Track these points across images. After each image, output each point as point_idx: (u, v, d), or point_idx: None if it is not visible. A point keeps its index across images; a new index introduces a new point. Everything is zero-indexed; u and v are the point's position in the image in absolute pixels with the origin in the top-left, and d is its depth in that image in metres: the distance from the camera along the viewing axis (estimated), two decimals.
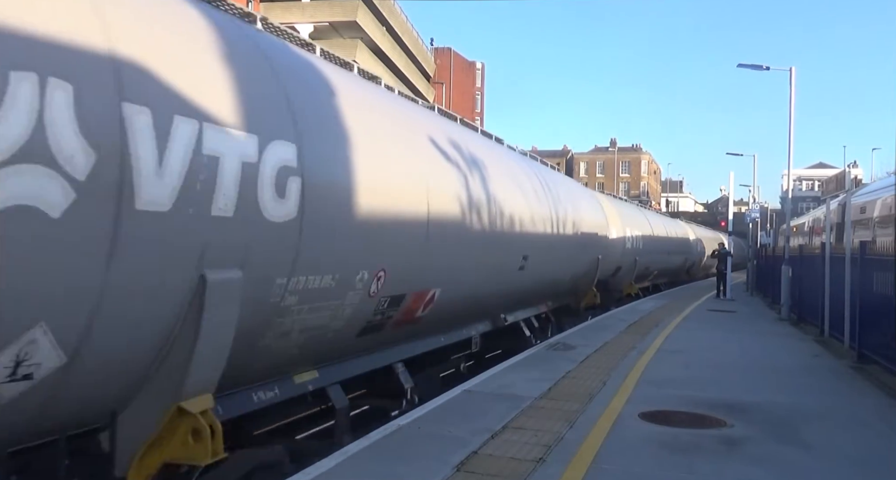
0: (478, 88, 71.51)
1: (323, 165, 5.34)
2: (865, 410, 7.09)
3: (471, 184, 8.37)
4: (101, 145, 3.47)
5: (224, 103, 4.37)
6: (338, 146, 5.59)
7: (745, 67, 21.23)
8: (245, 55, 4.89)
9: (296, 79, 5.48)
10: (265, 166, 4.61)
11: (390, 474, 4.73)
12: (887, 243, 10.06)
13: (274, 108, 4.92)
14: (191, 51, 4.34)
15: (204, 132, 4.10)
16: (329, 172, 5.44)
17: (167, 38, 4.15)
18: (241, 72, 4.66)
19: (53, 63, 3.29)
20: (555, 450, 5.33)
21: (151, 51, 3.91)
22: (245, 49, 4.95)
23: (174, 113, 3.93)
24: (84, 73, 3.45)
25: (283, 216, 4.80)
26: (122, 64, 3.67)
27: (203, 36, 4.49)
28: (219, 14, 5.04)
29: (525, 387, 7.59)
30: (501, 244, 9.57)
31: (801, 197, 69.04)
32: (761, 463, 5.19)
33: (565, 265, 13.80)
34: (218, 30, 4.65)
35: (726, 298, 23.21)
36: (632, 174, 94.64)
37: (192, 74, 4.21)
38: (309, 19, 43.52)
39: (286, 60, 5.58)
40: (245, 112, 4.52)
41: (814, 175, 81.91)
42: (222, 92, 4.40)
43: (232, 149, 4.33)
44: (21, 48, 3.18)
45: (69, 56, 3.39)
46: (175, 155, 3.91)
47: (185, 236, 4.06)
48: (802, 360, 10.44)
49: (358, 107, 6.25)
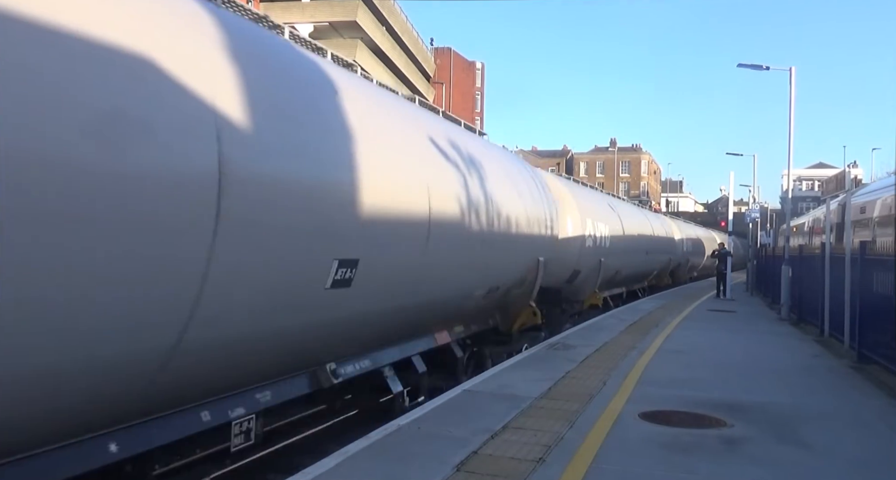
0: (478, 88, 71.47)
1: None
2: (865, 410, 7.09)
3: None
4: None
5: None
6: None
7: (745, 67, 21.22)
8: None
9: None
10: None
11: (390, 474, 4.73)
12: (887, 243, 10.06)
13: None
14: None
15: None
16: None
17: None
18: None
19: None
20: (555, 450, 5.33)
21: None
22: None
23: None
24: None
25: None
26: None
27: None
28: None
29: (525, 387, 7.59)
30: (638, 252, 9.33)
31: (801, 197, 69.06)
32: (761, 463, 5.18)
33: (658, 263, 13.48)
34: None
35: (726, 298, 23.22)
36: (632, 174, 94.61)
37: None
38: (309, 19, 43.52)
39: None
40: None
41: (814, 175, 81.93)
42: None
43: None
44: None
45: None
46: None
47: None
48: (802, 360, 10.44)
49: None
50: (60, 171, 3.24)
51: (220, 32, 4.50)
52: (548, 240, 12.00)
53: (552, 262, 12.16)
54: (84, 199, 3.35)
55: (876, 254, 9.74)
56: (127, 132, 3.58)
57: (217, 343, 4.52)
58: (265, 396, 5.46)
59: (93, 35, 3.47)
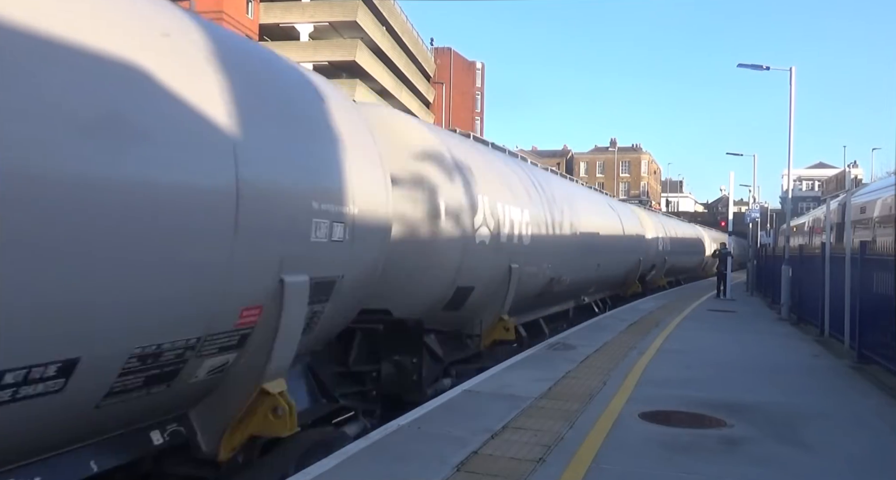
0: (478, 88, 71.50)
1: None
2: (865, 410, 7.09)
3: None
4: None
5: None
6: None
7: (744, 67, 21.23)
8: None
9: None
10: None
11: (390, 474, 4.73)
12: (887, 243, 10.06)
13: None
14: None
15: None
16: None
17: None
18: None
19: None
20: (555, 450, 5.32)
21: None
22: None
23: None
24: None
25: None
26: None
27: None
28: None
29: (525, 387, 7.58)
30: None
31: (801, 197, 69.11)
32: (761, 463, 5.18)
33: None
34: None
35: (726, 298, 23.21)
36: (632, 174, 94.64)
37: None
38: (309, 19, 43.55)
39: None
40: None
41: (814, 175, 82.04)
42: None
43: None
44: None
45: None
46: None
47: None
48: (802, 360, 10.44)
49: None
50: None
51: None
52: (642, 246, 16.62)
53: (644, 260, 14.98)
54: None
55: (876, 254, 9.74)
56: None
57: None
58: (570, 303, 8.27)
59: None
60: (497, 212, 9.57)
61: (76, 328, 3.38)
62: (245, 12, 39.80)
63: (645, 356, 10.13)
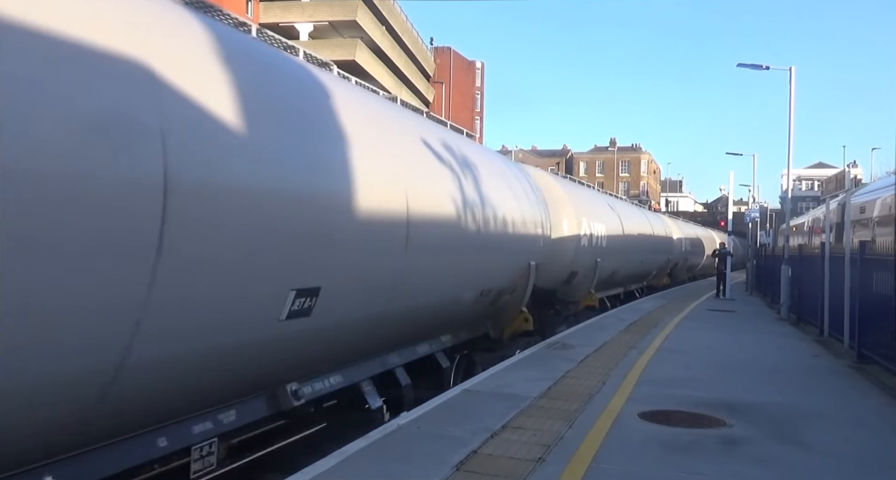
0: (477, 88, 71.46)
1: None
2: (865, 410, 7.09)
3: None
4: None
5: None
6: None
7: (744, 67, 21.21)
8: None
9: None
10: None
11: (390, 474, 4.73)
12: (887, 242, 10.06)
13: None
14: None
15: None
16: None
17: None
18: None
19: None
20: (554, 450, 5.32)
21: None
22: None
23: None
24: None
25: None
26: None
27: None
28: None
29: (525, 387, 7.59)
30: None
31: (801, 197, 69.11)
32: (761, 463, 5.18)
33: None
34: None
35: (726, 297, 23.21)
36: (631, 174, 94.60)
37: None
38: (309, 19, 43.49)
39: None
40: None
41: (814, 175, 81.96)
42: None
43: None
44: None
45: None
46: None
47: None
48: (802, 360, 10.44)
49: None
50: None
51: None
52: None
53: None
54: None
55: (875, 254, 9.74)
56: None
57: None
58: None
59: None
60: (590, 226, 15.70)
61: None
62: (245, 12, 39.81)
63: (644, 355, 10.13)
